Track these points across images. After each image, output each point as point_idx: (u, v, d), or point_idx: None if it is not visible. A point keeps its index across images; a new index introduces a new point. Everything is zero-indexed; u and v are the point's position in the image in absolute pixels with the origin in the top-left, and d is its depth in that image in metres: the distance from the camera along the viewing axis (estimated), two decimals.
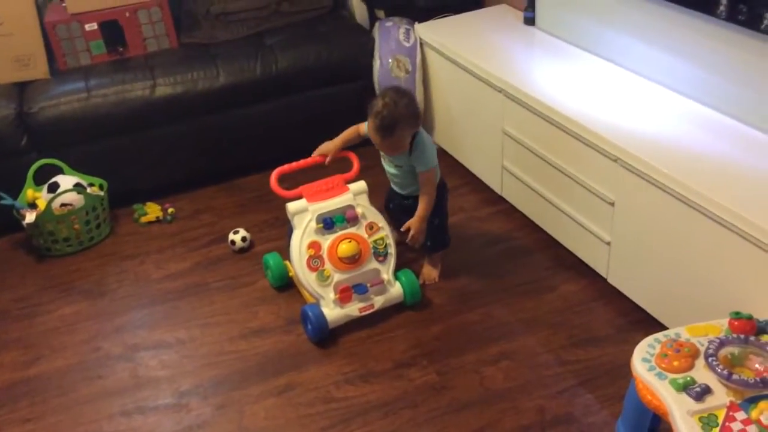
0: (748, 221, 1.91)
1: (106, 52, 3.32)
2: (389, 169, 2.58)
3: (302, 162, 2.65)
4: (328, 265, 2.49)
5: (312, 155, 2.66)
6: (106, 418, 2.25)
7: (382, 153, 2.54)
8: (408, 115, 2.36)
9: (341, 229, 2.53)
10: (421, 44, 3.35)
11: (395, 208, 2.71)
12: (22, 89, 3.13)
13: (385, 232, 2.58)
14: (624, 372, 2.17)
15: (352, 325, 2.51)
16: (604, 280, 2.57)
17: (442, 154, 3.37)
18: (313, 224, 2.50)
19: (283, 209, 2.58)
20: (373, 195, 2.62)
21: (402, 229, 2.56)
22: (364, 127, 2.57)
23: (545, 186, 2.74)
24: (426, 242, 2.64)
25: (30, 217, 2.88)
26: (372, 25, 3.59)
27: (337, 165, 2.68)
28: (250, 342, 2.50)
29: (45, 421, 2.26)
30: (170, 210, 3.21)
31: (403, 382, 2.29)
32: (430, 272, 2.71)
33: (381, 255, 2.56)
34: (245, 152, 3.41)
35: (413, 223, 2.50)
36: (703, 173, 2.11)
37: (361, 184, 2.61)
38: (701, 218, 2.04)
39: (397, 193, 2.63)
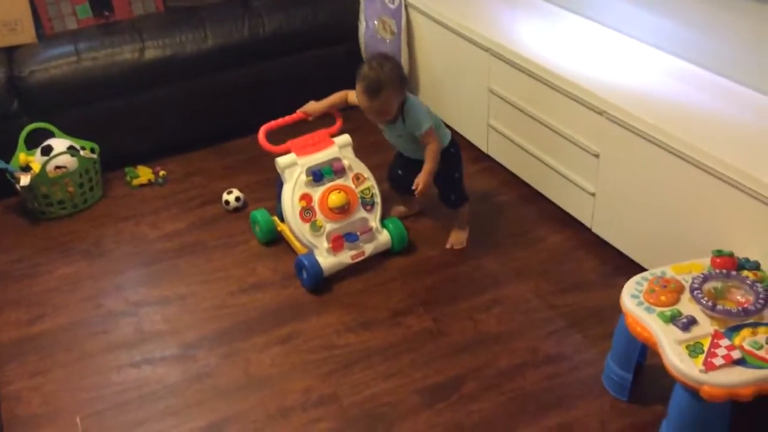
0: (728, 164, 2.02)
1: (92, 16, 3.32)
2: (392, 139, 2.65)
3: (288, 118, 2.72)
4: (319, 216, 2.58)
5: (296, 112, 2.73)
6: (114, 369, 2.32)
7: (381, 126, 2.60)
8: (393, 78, 2.42)
9: (330, 181, 2.63)
10: (406, 6, 3.40)
11: (403, 176, 2.70)
12: (10, 54, 3.12)
13: (371, 182, 2.68)
14: (610, 314, 2.31)
15: (348, 277, 2.60)
16: (589, 230, 2.68)
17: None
18: (303, 177, 2.59)
19: (273, 170, 2.65)
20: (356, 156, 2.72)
21: (413, 187, 2.53)
22: (352, 95, 2.62)
23: (531, 142, 2.84)
24: (450, 196, 2.72)
25: (25, 179, 2.90)
26: None
27: (320, 120, 2.76)
28: (250, 296, 2.58)
29: (54, 373, 2.32)
30: (161, 173, 3.25)
31: (402, 329, 2.39)
32: (458, 236, 2.76)
33: (368, 204, 2.67)
34: (233, 115, 3.46)
35: (421, 178, 2.50)
36: (684, 122, 2.22)
37: (346, 137, 2.71)
38: (683, 165, 2.15)
39: (410, 158, 2.65)
